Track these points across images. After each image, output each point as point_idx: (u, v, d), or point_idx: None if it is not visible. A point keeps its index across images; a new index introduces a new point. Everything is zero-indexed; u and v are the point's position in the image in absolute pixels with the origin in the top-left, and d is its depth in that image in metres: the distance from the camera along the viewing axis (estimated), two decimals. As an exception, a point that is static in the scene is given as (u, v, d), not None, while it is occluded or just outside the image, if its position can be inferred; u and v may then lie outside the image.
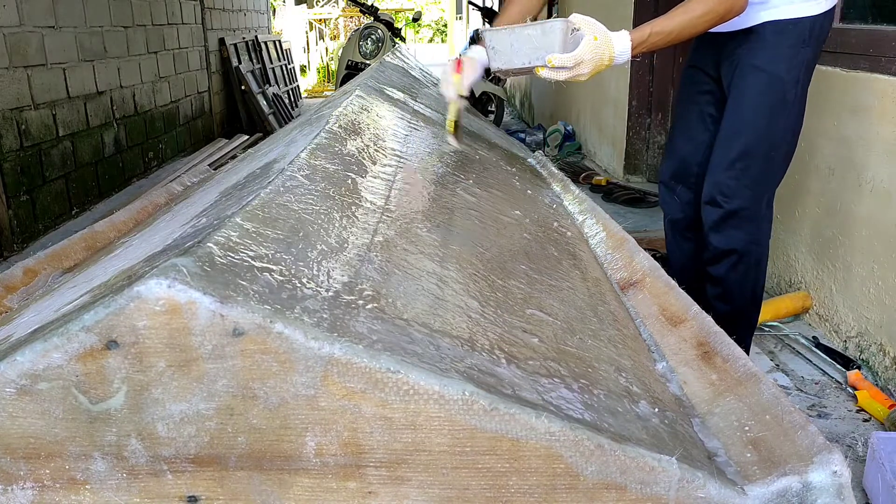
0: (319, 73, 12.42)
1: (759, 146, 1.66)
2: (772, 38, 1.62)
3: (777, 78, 1.62)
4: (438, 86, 1.70)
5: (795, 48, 1.61)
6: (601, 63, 1.47)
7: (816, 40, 1.63)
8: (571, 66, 1.45)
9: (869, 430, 1.70)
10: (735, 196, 1.68)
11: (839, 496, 0.70)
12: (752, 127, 1.66)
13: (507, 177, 1.70)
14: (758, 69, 1.64)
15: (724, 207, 1.70)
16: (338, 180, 1.11)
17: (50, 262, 1.39)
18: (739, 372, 0.92)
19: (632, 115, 4.20)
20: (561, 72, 1.46)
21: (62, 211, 3.74)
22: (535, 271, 1.14)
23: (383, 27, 5.81)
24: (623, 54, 1.48)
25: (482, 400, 0.68)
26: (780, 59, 1.62)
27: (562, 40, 1.44)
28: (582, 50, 1.44)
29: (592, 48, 1.44)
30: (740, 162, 1.67)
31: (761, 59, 1.63)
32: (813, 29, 1.61)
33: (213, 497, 0.70)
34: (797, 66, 1.62)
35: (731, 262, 1.74)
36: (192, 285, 0.64)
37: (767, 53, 1.62)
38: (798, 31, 1.60)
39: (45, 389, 0.66)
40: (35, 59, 3.49)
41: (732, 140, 1.68)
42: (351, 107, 1.54)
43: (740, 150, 1.67)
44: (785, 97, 1.64)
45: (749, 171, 1.67)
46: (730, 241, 1.72)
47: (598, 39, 1.44)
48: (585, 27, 1.46)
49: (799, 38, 1.61)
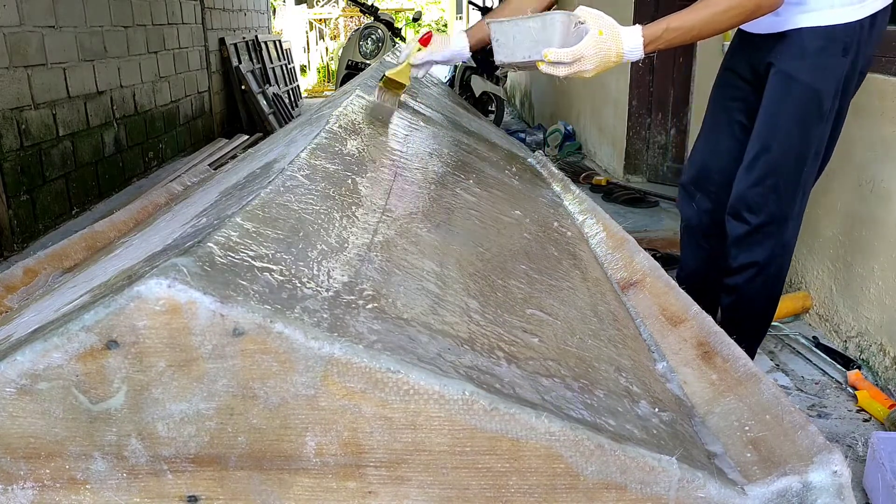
0: (319, 73, 12.42)
1: (788, 161, 1.57)
2: (809, 45, 1.51)
3: (812, 89, 1.52)
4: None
5: (835, 58, 1.50)
6: (607, 59, 1.37)
7: (859, 48, 1.50)
8: (569, 61, 1.36)
9: (869, 430, 1.70)
10: (761, 212, 1.60)
11: (839, 496, 0.70)
12: (783, 141, 1.57)
13: (508, 177, 1.70)
14: (792, 79, 1.54)
15: (751, 223, 1.62)
16: (338, 180, 1.11)
17: (50, 261, 1.39)
18: (739, 372, 0.92)
19: (632, 115, 4.20)
20: (559, 67, 1.38)
21: (62, 211, 3.74)
22: (535, 271, 1.14)
23: (383, 27, 5.80)
24: (634, 51, 1.38)
25: (482, 400, 0.68)
26: (815, 69, 1.51)
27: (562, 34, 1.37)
28: (583, 45, 1.35)
29: (596, 43, 1.35)
30: (769, 178, 1.58)
31: (796, 68, 1.53)
32: (855, 36, 1.49)
33: (213, 497, 0.70)
34: (835, 77, 1.51)
35: (750, 274, 1.67)
36: (193, 285, 0.64)
37: (803, 62, 1.52)
38: (839, 39, 1.49)
39: (46, 389, 0.66)
40: (35, 58, 3.49)
41: (762, 153, 1.59)
42: (351, 107, 1.54)
43: (769, 165, 1.58)
44: (820, 110, 1.53)
45: (777, 186, 1.58)
46: (752, 255, 1.65)
47: (603, 34, 1.36)
48: (591, 21, 1.37)
49: (839, 46, 1.49)
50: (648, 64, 4.08)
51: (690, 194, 1.83)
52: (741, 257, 1.66)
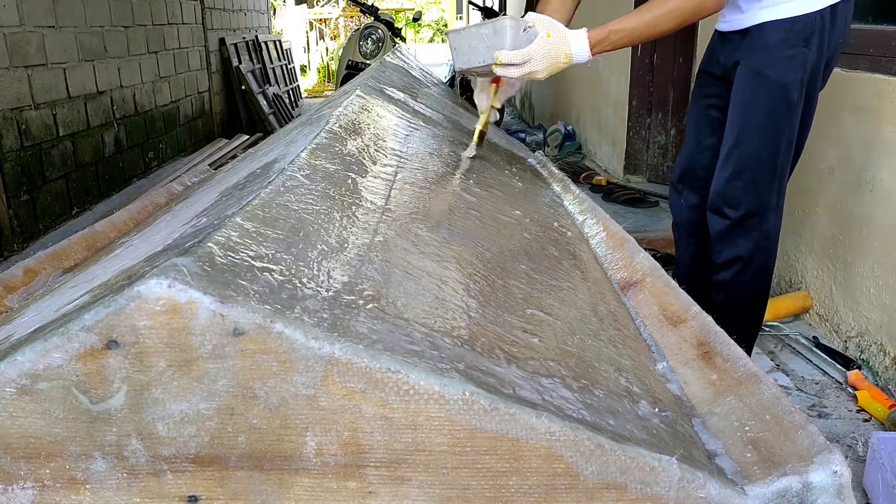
0: (319, 73, 12.42)
1: (762, 154, 1.61)
2: (771, 38, 1.55)
3: (777, 82, 1.56)
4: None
5: (796, 48, 1.54)
6: (557, 61, 1.46)
7: (821, 38, 1.54)
8: (520, 62, 1.44)
9: (869, 430, 1.70)
10: (740, 205, 1.64)
11: (839, 496, 0.70)
12: (754, 135, 1.61)
13: (508, 177, 1.70)
14: (757, 73, 1.58)
15: (730, 217, 1.66)
16: (338, 180, 1.11)
17: (50, 261, 1.39)
18: (739, 372, 0.92)
19: (632, 115, 4.20)
20: (511, 69, 1.46)
21: (62, 211, 3.74)
22: (535, 271, 1.14)
23: (383, 27, 5.80)
24: (581, 53, 1.46)
25: (482, 400, 0.68)
26: (780, 62, 1.55)
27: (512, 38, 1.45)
28: (532, 48, 1.44)
29: (544, 45, 1.44)
30: (745, 172, 1.62)
31: (761, 63, 1.57)
32: (814, 27, 1.52)
33: (214, 497, 0.70)
34: (799, 68, 1.55)
35: (736, 269, 1.70)
36: (193, 285, 0.64)
37: (767, 56, 1.56)
38: (799, 31, 1.53)
39: (46, 389, 0.66)
40: (35, 58, 3.49)
41: (735, 148, 1.63)
42: (351, 107, 1.54)
43: (743, 160, 1.62)
44: (788, 101, 1.57)
45: (754, 180, 1.62)
46: (736, 249, 1.68)
47: (551, 37, 1.44)
48: (539, 25, 1.46)
49: (800, 37, 1.53)
50: (648, 64, 4.08)
51: (679, 192, 1.88)
52: (725, 252, 1.70)
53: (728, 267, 1.71)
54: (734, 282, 1.71)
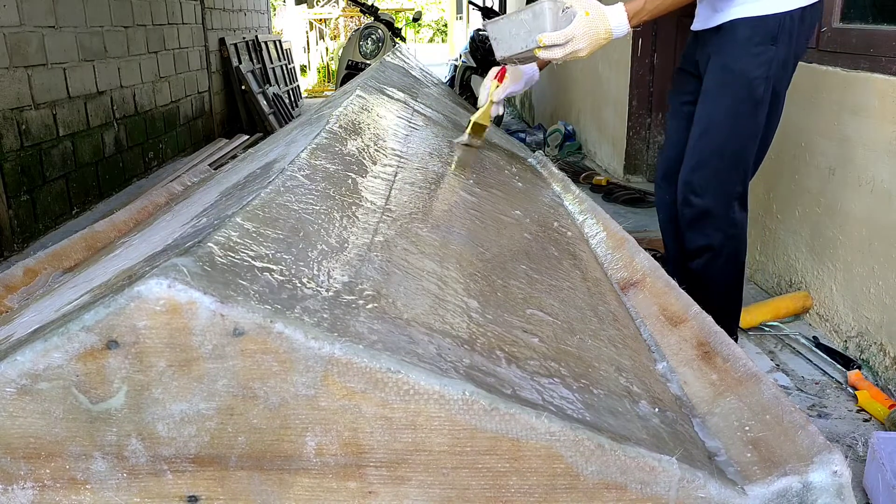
0: (319, 73, 12.42)
1: (727, 145, 1.67)
2: (740, 35, 1.61)
3: (743, 77, 1.62)
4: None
5: (763, 45, 1.60)
6: (597, 37, 1.48)
7: (790, 37, 1.61)
8: (563, 42, 1.46)
9: (869, 430, 1.70)
10: (705, 194, 1.70)
11: (839, 496, 0.70)
12: (719, 126, 1.67)
13: (508, 177, 1.70)
14: (725, 68, 1.65)
15: (696, 206, 1.72)
16: (338, 180, 1.11)
17: (50, 261, 1.39)
18: (740, 372, 0.92)
19: (632, 114, 4.20)
20: (555, 50, 1.47)
21: (62, 211, 3.74)
22: (535, 271, 1.14)
23: (383, 27, 5.80)
24: (620, 27, 1.49)
25: (482, 400, 0.68)
26: (746, 57, 1.62)
27: (552, 20, 1.47)
28: (573, 26, 1.46)
29: (584, 23, 1.46)
30: (710, 161, 1.69)
31: (729, 58, 1.64)
32: (783, 26, 1.59)
33: (214, 497, 0.70)
34: (765, 64, 1.61)
35: (707, 257, 1.77)
36: (193, 285, 0.64)
37: (735, 51, 1.62)
38: (766, 29, 1.59)
39: (46, 389, 0.66)
40: (35, 59, 3.49)
41: (700, 140, 1.70)
42: (351, 107, 1.54)
43: (708, 150, 1.68)
44: (752, 95, 1.63)
45: (718, 169, 1.69)
46: (705, 237, 1.74)
47: (590, 14, 1.47)
48: (577, 4, 1.48)
49: (767, 35, 1.59)
50: (648, 64, 4.08)
51: (662, 189, 1.94)
52: (696, 240, 1.77)
53: (699, 255, 1.78)
54: (706, 270, 1.78)
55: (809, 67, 2.24)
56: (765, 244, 2.57)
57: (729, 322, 1.86)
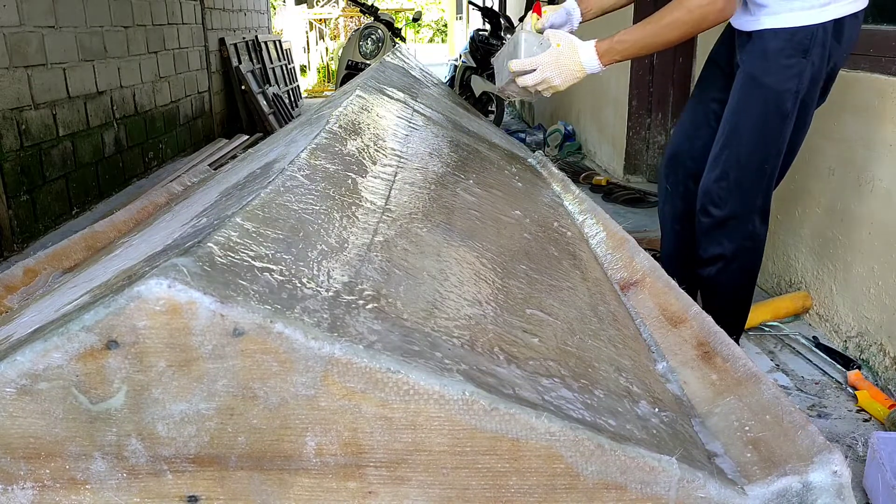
0: (319, 73, 12.41)
1: (751, 158, 1.63)
2: (770, 46, 1.56)
3: (772, 90, 1.57)
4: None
5: (794, 59, 1.55)
6: (570, 70, 1.51)
7: (822, 50, 1.54)
8: (531, 69, 1.51)
9: (869, 430, 1.70)
10: (725, 205, 1.68)
11: (839, 496, 0.70)
12: (744, 138, 1.63)
13: (507, 177, 1.70)
14: (754, 79, 1.60)
15: (714, 216, 1.69)
16: (338, 180, 1.11)
17: (50, 262, 1.39)
18: (739, 372, 0.92)
19: (632, 115, 4.20)
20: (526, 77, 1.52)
21: (62, 211, 3.74)
22: (535, 271, 1.14)
23: (383, 27, 5.80)
24: (590, 62, 1.51)
25: (482, 400, 0.68)
26: (776, 71, 1.56)
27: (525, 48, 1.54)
28: (542, 56, 1.51)
29: (554, 55, 1.50)
30: (732, 173, 1.65)
31: (758, 69, 1.59)
32: (815, 39, 1.53)
33: (213, 497, 0.70)
34: (795, 78, 1.56)
35: (719, 266, 1.74)
36: (193, 285, 0.64)
37: (765, 64, 1.57)
38: (798, 42, 1.53)
39: (46, 389, 0.66)
40: (35, 59, 3.48)
41: (724, 150, 1.66)
42: (351, 107, 1.54)
43: (731, 162, 1.65)
44: (781, 109, 1.58)
45: (740, 182, 1.65)
46: (719, 246, 1.72)
47: (560, 46, 1.51)
48: (553, 37, 1.53)
49: (798, 48, 1.54)
50: (648, 64, 4.08)
51: (665, 177, 1.92)
52: (710, 249, 1.75)
53: (712, 263, 1.76)
54: (717, 278, 1.76)
55: (809, 67, 2.24)
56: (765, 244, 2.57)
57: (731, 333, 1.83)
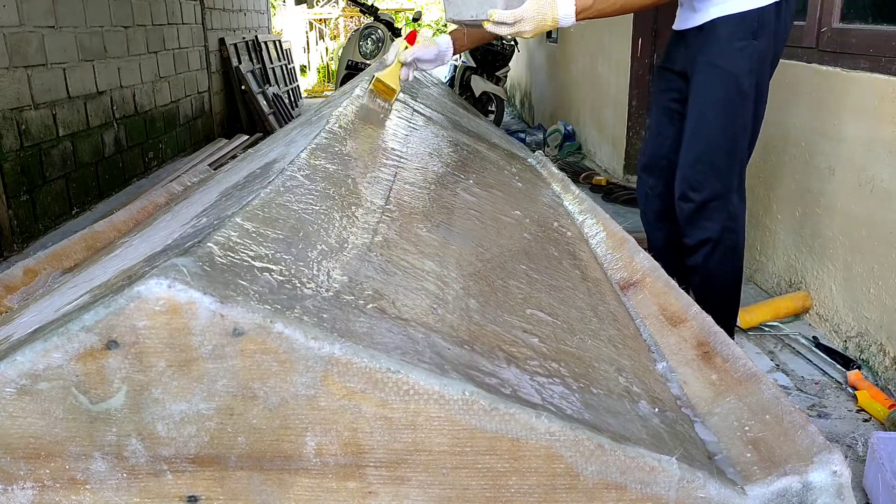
0: (319, 73, 12.41)
1: (720, 140, 1.74)
2: (722, 33, 1.68)
3: (729, 73, 1.69)
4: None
5: (745, 41, 1.67)
6: (543, 23, 1.55)
7: (768, 32, 1.67)
8: (511, 22, 1.53)
9: (869, 430, 1.70)
10: (703, 188, 1.76)
11: (839, 496, 0.70)
12: (712, 123, 1.73)
13: (507, 177, 1.70)
14: (712, 65, 1.71)
15: (695, 200, 1.78)
16: (338, 180, 1.11)
17: (50, 262, 1.39)
18: (739, 372, 0.92)
19: (632, 115, 4.20)
20: (502, 27, 1.54)
21: (62, 211, 3.74)
22: (535, 271, 1.14)
23: (383, 27, 5.80)
24: (567, 18, 1.56)
25: (482, 400, 0.68)
26: (730, 54, 1.68)
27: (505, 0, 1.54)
28: (523, 8, 1.53)
29: (534, 7, 1.53)
30: (705, 156, 1.75)
31: (714, 56, 1.70)
32: (762, 21, 1.65)
33: (213, 497, 0.70)
34: (748, 58, 1.67)
35: (706, 251, 1.81)
36: (192, 285, 0.64)
37: (719, 49, 1.69)
38: (746, 25, 1.65)
39: (45, 389, 0.66)
40: (35, 59, 3.48)
41: (695, 137, 1.76)
42: (351, 107, 1.54)
43: (703, 146, 1.75)
44: (740, 90, 1.70)
45: (714, 164, 1.75)
46: (704, 231, 1.80)
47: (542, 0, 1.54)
48: None
49: (748, 31, 1.66)
50: (648, 64, 4.08)
51: (644, 181, 2.01)
52: (695, 235, 1.82)
53: (699, 249, 1.83)
54: (706, 263, 1.83)
55: (809, 67, 2.24)
56: (765, 244, 2.57)
57: (727, 317, 1.90)
